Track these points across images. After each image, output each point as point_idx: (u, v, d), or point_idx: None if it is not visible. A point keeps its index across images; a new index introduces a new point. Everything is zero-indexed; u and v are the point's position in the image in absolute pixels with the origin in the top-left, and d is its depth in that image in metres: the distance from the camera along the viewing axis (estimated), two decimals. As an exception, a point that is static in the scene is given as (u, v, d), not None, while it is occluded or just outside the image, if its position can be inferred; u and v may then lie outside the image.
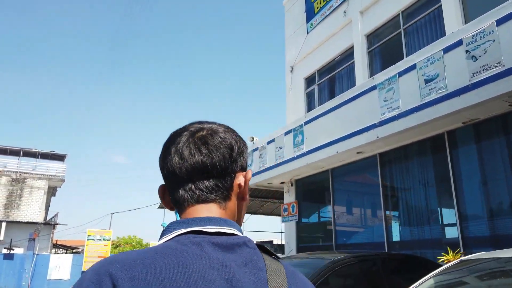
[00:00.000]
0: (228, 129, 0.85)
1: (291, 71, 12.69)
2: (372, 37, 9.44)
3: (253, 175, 11.47)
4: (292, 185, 11.14)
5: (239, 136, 0.86)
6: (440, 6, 7.44)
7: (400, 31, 8.50)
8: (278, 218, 28.14)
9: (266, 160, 10.87)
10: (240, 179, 0.82)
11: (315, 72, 11.52)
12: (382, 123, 6.87)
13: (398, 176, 7.68)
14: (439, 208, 6.83)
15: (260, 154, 11.26)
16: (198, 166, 0.78)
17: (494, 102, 5.42)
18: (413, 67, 6.38)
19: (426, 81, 6.08)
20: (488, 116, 6.02)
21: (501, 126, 6.00)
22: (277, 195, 21.71)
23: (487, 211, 6.01)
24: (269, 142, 10.86)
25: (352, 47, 9.85)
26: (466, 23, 6.75)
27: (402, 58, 8.17)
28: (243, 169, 0.85)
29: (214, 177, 0.79)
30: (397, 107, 6.58)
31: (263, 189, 14.86)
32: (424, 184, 7.10)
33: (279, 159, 10.17)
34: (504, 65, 4.95)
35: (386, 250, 7.43)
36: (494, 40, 5.11)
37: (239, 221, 0.84)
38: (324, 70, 11.25)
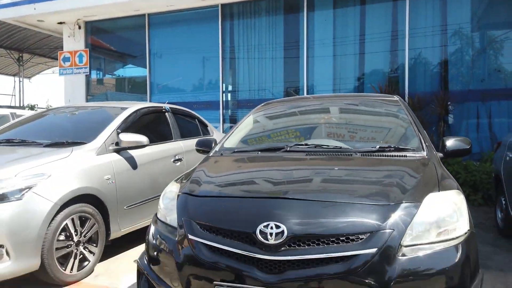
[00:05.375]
0: None
1: None
2: None
3: (20, 3, 8.00)
4: (80, 28, 8.54)
5: None
6: None
7: None
8: (8, 78, 22.63)
9: (47, -16, 7.67)
10: None
11: None
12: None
13: (242, 33, 7.09)
14: (284, 71, 6.88)
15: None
16: None
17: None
18: None
19: None
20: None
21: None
22: (18, 44, 16.78)
23: (333, 77, 6.54)
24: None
25: None
26: None
27: None
28: None
29: None
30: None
31: (15, 26, 11.03)
32: (272, 45, 6.88)
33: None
34: None
35: (222, 111, 7.11)
36: None
37: None
38: None
